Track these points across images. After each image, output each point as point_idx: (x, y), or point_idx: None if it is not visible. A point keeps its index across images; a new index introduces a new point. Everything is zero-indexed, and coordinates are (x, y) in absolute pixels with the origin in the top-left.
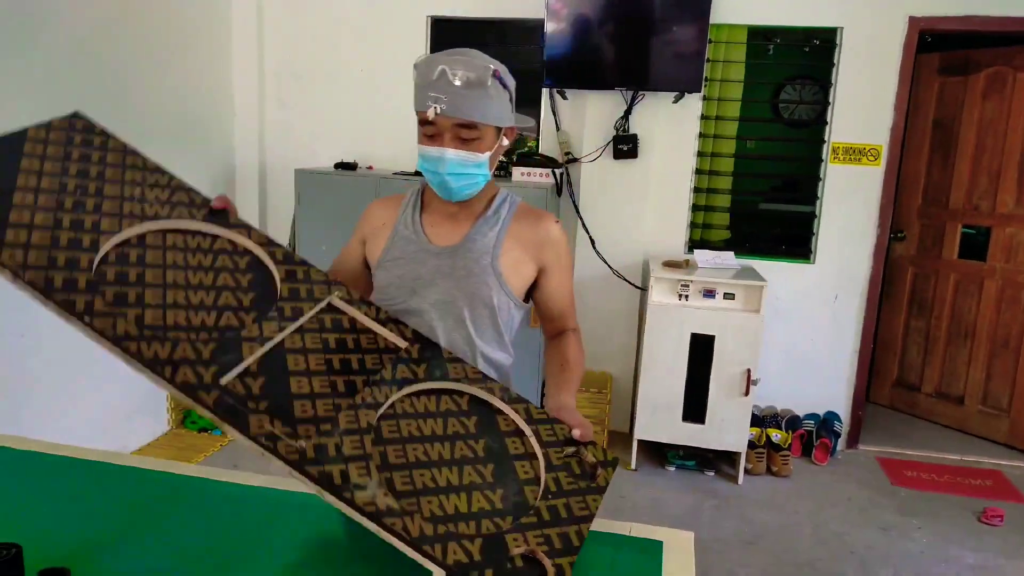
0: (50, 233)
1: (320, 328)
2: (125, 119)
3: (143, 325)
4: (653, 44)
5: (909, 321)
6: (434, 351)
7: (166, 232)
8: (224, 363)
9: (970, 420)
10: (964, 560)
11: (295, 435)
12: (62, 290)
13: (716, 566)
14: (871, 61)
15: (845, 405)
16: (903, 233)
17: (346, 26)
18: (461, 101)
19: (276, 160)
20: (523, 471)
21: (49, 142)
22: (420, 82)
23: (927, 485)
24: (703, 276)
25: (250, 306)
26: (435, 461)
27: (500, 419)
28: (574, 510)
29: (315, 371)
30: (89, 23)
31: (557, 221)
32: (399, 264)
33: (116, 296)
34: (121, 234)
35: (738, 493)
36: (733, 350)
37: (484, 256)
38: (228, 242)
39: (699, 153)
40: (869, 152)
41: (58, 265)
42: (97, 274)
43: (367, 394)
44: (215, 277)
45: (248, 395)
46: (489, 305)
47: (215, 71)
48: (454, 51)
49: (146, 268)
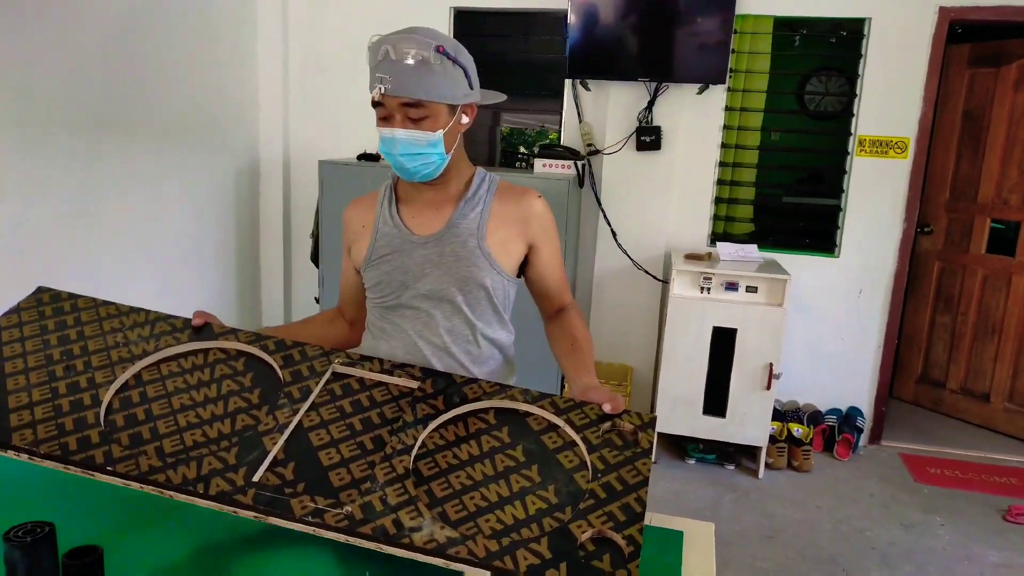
0: (51, 404)
1: (332, 398)
2: (152, 114)
3: (165, 455)
4: (677, 35)
5: (935, 317)
6: (447, 380)
7: (159, 364)
8: (251, 462)
9: (996, 417)
10: (987, 558)
11: (339, 503)
12: (79, 451)
13: (736, 559)
14: (900, 52)
15: (868, 401)
16: (930, 227)
17: (370, 18)
18: (405, 79)
19: (300, 152)
20: (567, 461)
21: (23, 323)
22: (370, 64)
23: (951, 482)
24: (725, 269)
25: (259, 401)
26: (480, 481)
27: (530, 420)
28: (627, 479)
29: (340, 439)
30: (116, 19)
31: (540, 196)
32: (386, 261)
33: (131, 438)
34: (117, 381)
35: (758, 487)
36: (755, 344)
37: (470, 238)
38: (220, 351)
39: (723, 145)
40: (896, 145)
41: (68, 430)
42: (107, 425)
43: (395, 442)
44: (218, 387)
45: (283, 483)
46: (483, 286)
47: (240, 64)
48: (403, 30)
49: (151, 403)
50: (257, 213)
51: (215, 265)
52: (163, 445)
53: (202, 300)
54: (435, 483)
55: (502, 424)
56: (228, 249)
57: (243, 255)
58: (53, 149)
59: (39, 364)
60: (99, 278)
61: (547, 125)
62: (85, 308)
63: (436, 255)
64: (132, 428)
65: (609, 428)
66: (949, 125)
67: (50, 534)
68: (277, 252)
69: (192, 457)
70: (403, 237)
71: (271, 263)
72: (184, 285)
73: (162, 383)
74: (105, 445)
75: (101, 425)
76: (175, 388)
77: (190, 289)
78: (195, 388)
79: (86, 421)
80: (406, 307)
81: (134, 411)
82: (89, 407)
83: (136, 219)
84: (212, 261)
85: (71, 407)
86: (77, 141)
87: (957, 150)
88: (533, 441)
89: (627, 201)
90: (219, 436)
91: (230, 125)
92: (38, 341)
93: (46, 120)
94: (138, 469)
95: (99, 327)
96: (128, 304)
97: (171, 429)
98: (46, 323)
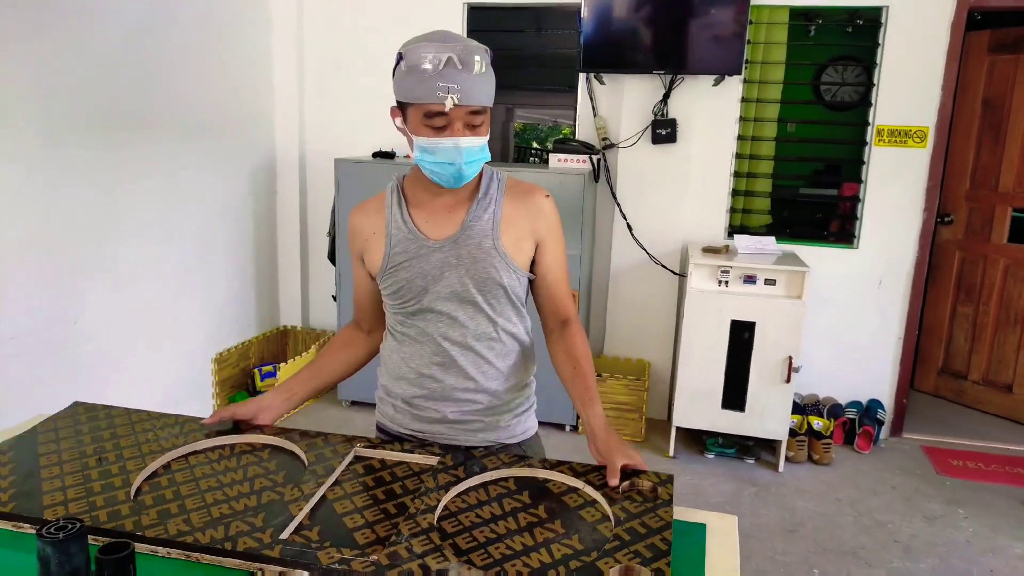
0: (83, 487)
1: (354, 476)
2: (170, 114)
3: (192, 523)
4: (692, 27)
5: (956, 307)
6: (466, 454)
7: (187, 456)
8: (278, 524)
9: (1019, 408)
10: (1012, 550)
11: (365, 554)
12: (108, 522)
13: (758, 553)
14: (918, 40)
15: (889, 393)
16: (950, 217)
17: (384, 15)
18: (474, 88)
19: (316, 150)
20: (590, 516)
21: (59, 428)
22: (420, 73)
23: (974, 474)
24: (743, 262)
25: (284, 481)
26: (504, 535)
27: (550, 485)
28: (650, 524)
29: (363, 507)
30: (134, 19)
31: (548, 195)
32: (403, 267)
33: (160, 513)
34: (147, 468)
35: (779, 481)
36: (774, 336)
37: (485, 239)
38: (246, 445)
39: (739, 137)
40: (915, 134)
41: (99, 506)
42: (136, 502)
43: (419, 504)
44: (244, 472)
45: (310, 542)
46: (501, 284)
47: (256, 63)
48: (437, 34)
49: (179, 486)
50: (274, 211)
51: (233, 263)
52: (191, 517)
53: (221, 298)
54: (459, 538)
55: (523, 488)
56: (246, 247)
57: (261, 253)
58: (74, 147)
59: (72, 458)
60: (120, 277)
61: (561, 120)
62: (118, 415)
63: (453, 258)
64: (160, 506)
65: (628, 488)
66: (968, 113)
67: (82, 530)
68: (294, 250)
69: (220, 523)
70: (419, 242)
71: (288, 261)
72: (203, 283)
73: (190, 470)
74: (135, 516)
75: (131, 501)
76: (202, 474)
77: (210, 287)
78: (222, 473)
79: (116, 499)
80: (428, 311)
81: (162, 493)
82: (120, 488)
83: (155, 218)
84: (230, 259)
85: (102, 488)
86: (97, 139)
87: (977, 139)
88: (555, 501)
89: (643, 195)
90: (245, 509)
91: (247, 124)
92: (72, 441)
93: (67, 119)
94: (167, 533)
95: (131, 428)
96: (149, 303)
97: (198, 505)
98: (80, 427)
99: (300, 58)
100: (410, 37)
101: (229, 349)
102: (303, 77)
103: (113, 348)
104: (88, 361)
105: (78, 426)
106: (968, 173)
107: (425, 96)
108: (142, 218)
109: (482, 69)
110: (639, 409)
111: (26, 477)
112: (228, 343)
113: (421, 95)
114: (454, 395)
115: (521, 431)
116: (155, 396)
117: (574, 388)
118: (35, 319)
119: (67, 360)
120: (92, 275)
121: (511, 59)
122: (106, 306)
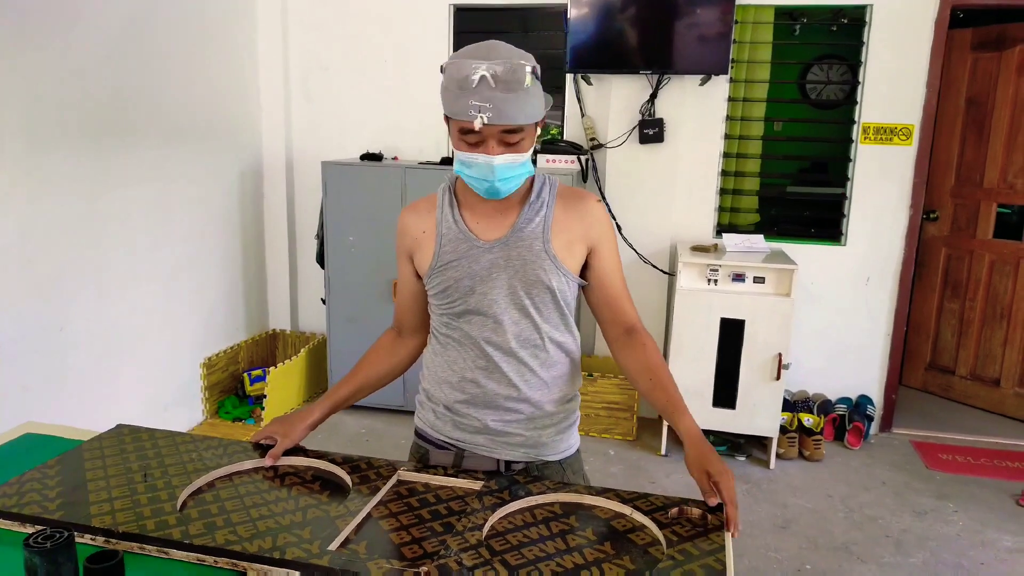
0: (130, 499)
1: (399, 496)
2: (155, 118)
3: (239, 535)
4: (678, 27)
5: (943, 303)
6: (510, 478)
7: (232, 475)
8: (325, 537)
9: (1006, 403)
10: (1001, 543)
11: (414, 566)
12: (156, 530)
13: (750, 550)
14: (902, 38)
15: (878, 389)
16: (936, 213)
17: (370, 17)
18: (507, 107)
19: (303, 153)
20: (639, 539)
21: (104, 447)
22: (457, 89)
23: (963, 468)
24: (732, 260)
25: (328, 501)
26: (554, 554)
27: (597, 510)
28: (703, 547)
29: (409, 524)
30: (117, 22)
31: (599, 200)
32: (453, 267)
33: (206, 525)
34: (192, 485)
35: (770, 477)
36: (764, 334)
37: (536, 242)
38: (289, 467)
39: (726, 136)
40: (901, 131)
41: (146, 516)
42: (182, 515)
43: (466, 522)
44: (289, 492)
45: (357, 556)
46: (549, 288)
47: (241, 66)
48: (481, 48)
49: (224, 502)
50: (262, 215)
51: (221, 267)
52: (237, 529)
53: (209, 303)
54: (508, 555)
55: (570, 513)
56: (234, 251)
57: (249, 257)
58: (60, 154)
59: (118, 474)
60: (107, 283)
61: (549, 121)
62: (162, 437)
63: (503, 259)
64: (206, 519)
65: (676, 515)
66: (953, 110)
67: (69, 539)
68: (283, 254)
69: (267, 535)
70: (469, 243)
71: (277, 265)
72: (191, 288)
73: (234, 488)
74: (182, 526)
75: (178, 512)
76: (247, 492)
77: (197, 292)
78: (266, 492)
79: (163, 510)
80: (473, 312)
81: (207, 508)
82: (167, 501)
83: (141, 222)
84: (218, 263)
85: (149, 501)
86: (83, 146)
87: (961, 135)
88: (603, 525)
89: (631, 194)
90: (291, 524)
91: (233, 127)
92: (118, 459)
93: (52, 126)
94: (215, 542)
95: (175, 449)
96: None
97: (244, 520)
98: (125, 447)
99: (285, 60)
100: (394, 38)
101: (218, 354)
102: (289, 79)
103: (101, 354)
104: (76, 368)
105: (123, 445)
106: (953, 170)
107: (458, 112)
108: (128, 224)
109: (524, 86)
110: (631, 408)
111: (73, 489)
112: (217, 348)
113: (455, 111)
114: (496, 402)
115: (564, 448)
116: (144, 402)
117: (656, 401)
118: (21, 326)
119: (54, 367)
120: (78, 282)
121: None
122: (93, 312)
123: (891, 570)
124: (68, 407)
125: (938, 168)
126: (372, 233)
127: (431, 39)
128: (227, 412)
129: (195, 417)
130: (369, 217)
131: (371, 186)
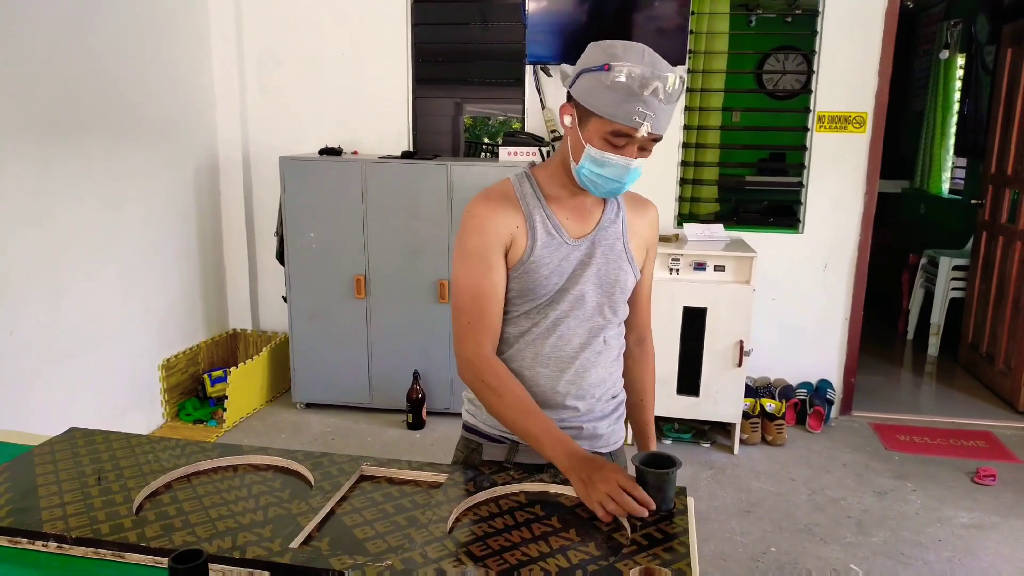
0: (83, 503)
1: (363, 492)
2: (105, 115)
3: (198, 536)
4: (636, 18)
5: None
6: (475, 471)
7: (190, 476)
8: (287, 535)
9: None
10: (958, 520)
11: (378, 559)
12: (110, 534)
13: (715, 535)
14: (854, 28)
15: (837, 373)
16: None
17: (326, 9)
18: (664, 118)
19: (260, 147)
20: (604, 526)
21: (56, 451)
22: (626, 93)
23: (920, 448)
24: (693, 249)
25: (290, 499)
26: (519, 543)
27: (562, 498)
28: (667, 531)
29: (373, 519)
30: (64, 17)
31: (655, 206)
32: (543, 264)
33: (163, 527)
34: (149, 486)
35: (734, 463)
36: (725, 322)
37: (617, 242)
38: (249, 466)
39: (685, 126)
40: (855, 119)
41: (100, 520)
42: (139, 517)
43: (431, 515)
44: (249, 491)
45: (320, 553)
46: (625, 289)
47: (194, 59)
48: (647, 56)
49: (182, 503)
50: (219, 212)
51: (178, 267)
52: (196, 530)
53: (167, 302)
54: (473, 546)
55: (535, 502)
56: (191, 250)
57: (207, 255)
58: (4, 155)
59: (71, 478)
60: (59, 283)
61: (510, 114)
62: (116, 439)
63: (588, 257)
64: (163, 521)
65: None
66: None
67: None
68: (241, 251)
69: (227, 535)
70: (560, 239)
71: (236, 263)
72: (147, 288)
73: (192, 489)
74: (138, 528)
75: (134, 515)
76: (205, 492)
77: (154, 292)
78: (226, 491)
79: (118, 513)
80: (553, 308)
81: (165, 509)
82: (122, 504)
83: (94, 222)
84: (175, 263)
85: (103, 504)
86: (29, 145)
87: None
88: (567, 512)
89: None
90: (252, 523)
91: (187, 123)
92: (70, 463)
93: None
94: (172, 544)
95: (131, 451)
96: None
97: (203, 520)
98: (78, 451)
99: (240, 53)
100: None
101: (177, 355)
102: (244, 72)
103: (54, 357)
104: (27, 372)
105: (76, 449)
106: None
107: (621, 117)
108: (79, 222)
109: (676, 100)
110: None
111: (23, 495)
112: (176, 348)
113: (617, 114)
114: (555, 399)
115: (616, 440)
116: (101, 405)
117: (635, 420)
118: None
119: (4, 371)
120: (27, 283)
121: (457, 53)
122: (45, 314)
123: (853, 549)
124: (19, 413)
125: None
126: (333, 229)
127: (388, 31)
128: (188, 414)
129: (155, 420)
130: (329, 213)
131: (331, 181)
